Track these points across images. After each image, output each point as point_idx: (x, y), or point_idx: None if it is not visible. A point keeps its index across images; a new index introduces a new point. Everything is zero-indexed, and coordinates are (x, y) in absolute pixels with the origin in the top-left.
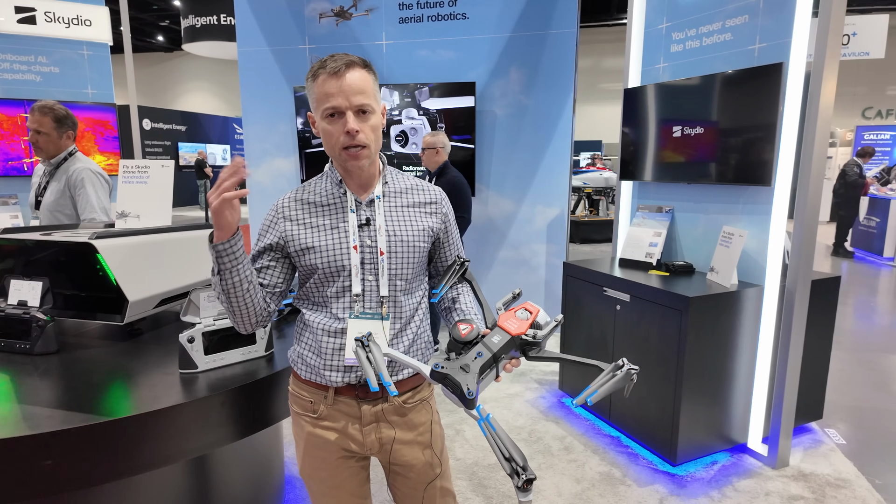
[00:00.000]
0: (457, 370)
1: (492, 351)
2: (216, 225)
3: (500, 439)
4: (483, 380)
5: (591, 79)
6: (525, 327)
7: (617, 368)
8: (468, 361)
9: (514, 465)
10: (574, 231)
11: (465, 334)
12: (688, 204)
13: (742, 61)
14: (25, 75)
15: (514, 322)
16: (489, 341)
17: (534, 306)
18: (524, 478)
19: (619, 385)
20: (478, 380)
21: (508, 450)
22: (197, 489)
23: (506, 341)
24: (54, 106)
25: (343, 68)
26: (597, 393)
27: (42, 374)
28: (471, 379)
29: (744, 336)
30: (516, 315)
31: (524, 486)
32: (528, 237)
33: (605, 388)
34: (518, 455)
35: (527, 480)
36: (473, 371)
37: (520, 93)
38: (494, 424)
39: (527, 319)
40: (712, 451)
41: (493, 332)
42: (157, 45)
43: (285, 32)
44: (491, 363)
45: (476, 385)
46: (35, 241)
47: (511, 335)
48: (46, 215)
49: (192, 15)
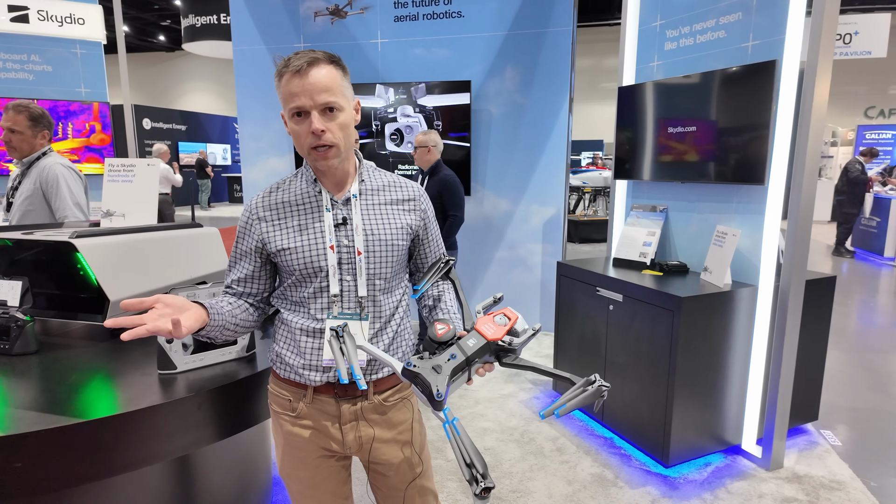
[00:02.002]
0: (428, 370)
1: (465, 354)
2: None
3: (463, 444)
4: (454, 382)
5: (592, 78)
6: (502, 333)
7: (588, 384)
8: (441, 362)
9: (474, 472)
10: (573, 230)
11: (441, 334)
12: (682, 203)
13: (735, 59)
14: (18, 74)
15: (491, 327)
16: (464, 344)
17: (513, 313)
18: (483, 485)
19: (588, 400)
20: (448, 382)
21: (470, 455)
22: (180, 490)
23: (481, 345)
24: (29, 105)
25: (305, 66)
26: (565, 406)
27: (19, 375)
28: (441, 380)
29: (737, 336)
30: (494, 320)
31: (482, 494)
32: (524, 237)
33: (574, 403)
34: (479, 462)
35: (485, 489)
36: (445, 373)
37: (515, 92)
38: (459, 429)
39: (504, 325)
40: (705, 452)
41: (470, 335)
42: (159, 44)
43: (281, 31)
44: (464, 366)
45: (446, 387)
46: (15, 241)
47: (487, 340)
48: (18, 216)
49: (192, 14)
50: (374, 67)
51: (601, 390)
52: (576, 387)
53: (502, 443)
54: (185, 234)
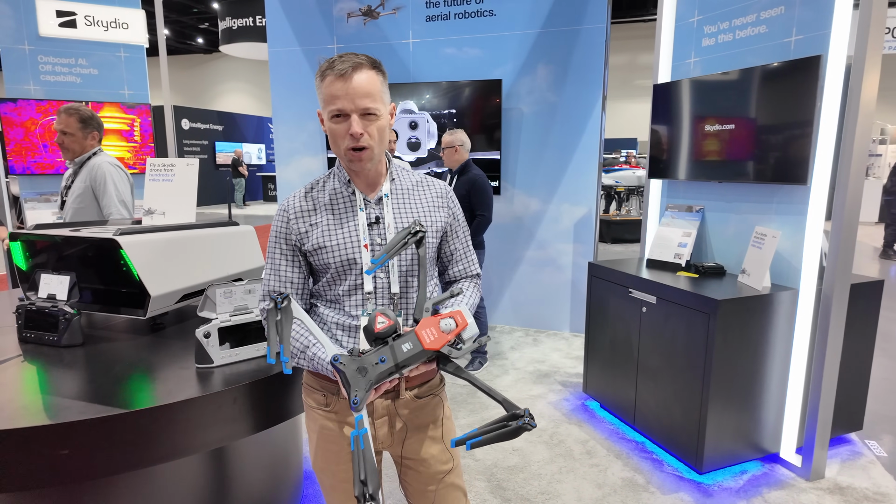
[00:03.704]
0: (353, 372)
1: (395, 361)
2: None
3: (363, 459)
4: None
5: (626, 75)
6: (442, 342)
7: (513, 418)
8: (368, 364)
9: (364, 490)
10: (605, 230)
11: (379, 329)
12: (719, 203)
13: (777, 55)
14: (67, 77)
15: (432, 332)
16: (398, 347)
17: (463, 318)
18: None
19: (507, 438)
20: (370, 386)
21: (366, 473)
22: (215, 481)
23: (414, 353)
24: (80, 108)
25: (349, 70)
26: (480, 440)
27: (66, 366)
28: (363, 386)
29: (776, 341)
30: (440, 324)
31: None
32: (554, 236)
33: (490, 438)
34: (373, 482)
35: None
36: (369, 378)
37: (547, 90)
38: (364, 442)
39: (448, 332)
40: (741, 459)
41: (407, 337)
42: (197, 47)
43: (315, 32)
44: (392, 370)
45: (365, 393)
46: (64, 238)
47: (423, 348)
48: (70, 213)
49: (230, 17)
50: (405, 68)
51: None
52: (496, 420)
53: (531, 444)
54: (222, 232)
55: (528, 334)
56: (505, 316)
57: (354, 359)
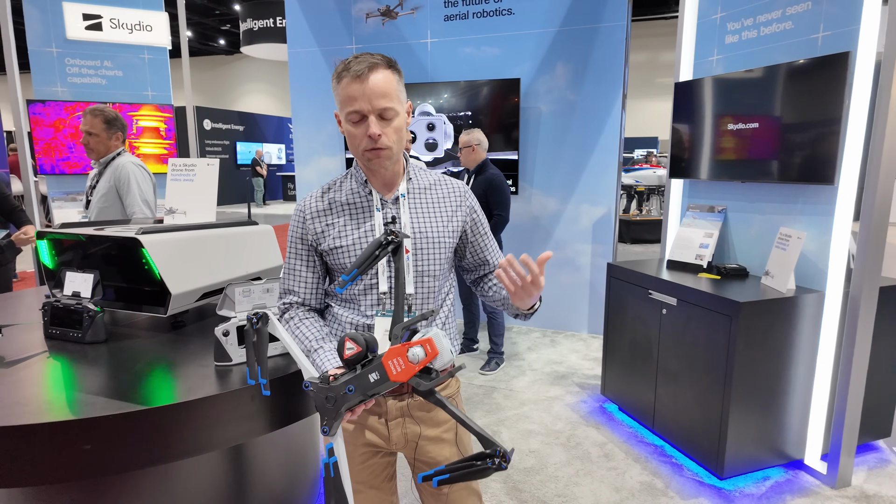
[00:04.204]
0: (322, 400)
1: (364, 392)
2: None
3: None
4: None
5: (647, 74)
6: (409, 374)
7: (485, 457)
8: (337, 393)
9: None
10: (625, 230)
11: (348, 355)
12: (742, 203)
13: (804, 51)
14: (92, 79)
15: (399, 363)
16: (364, 379)
17: (433, 346)
18: None
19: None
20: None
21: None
22: (233, 479)
23: (381, 384)
24: (104, 109)
25: (366, 71)
26: (448, 477)
27: (90, 362)
28: (331, 415)
29: (801, 345)
30: (408, 353)
31: None
32: (572, 237)
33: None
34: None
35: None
36: (338, 406)
37: (566, 89)
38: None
39: (417, 363)
40: (764, 465)
41: (374, 366)
42: (219, 48)
43: (333, 33)
44: (360, 398)
45: (334, 420)
46: (88, 236)
47: (389, 379)
48: (95, 212)
49: (251, 18)
50: (423, 67)
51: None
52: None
53: (547, 446)
54: (241, 232)
55: (545, 335)
56: None
57: (323, 388)
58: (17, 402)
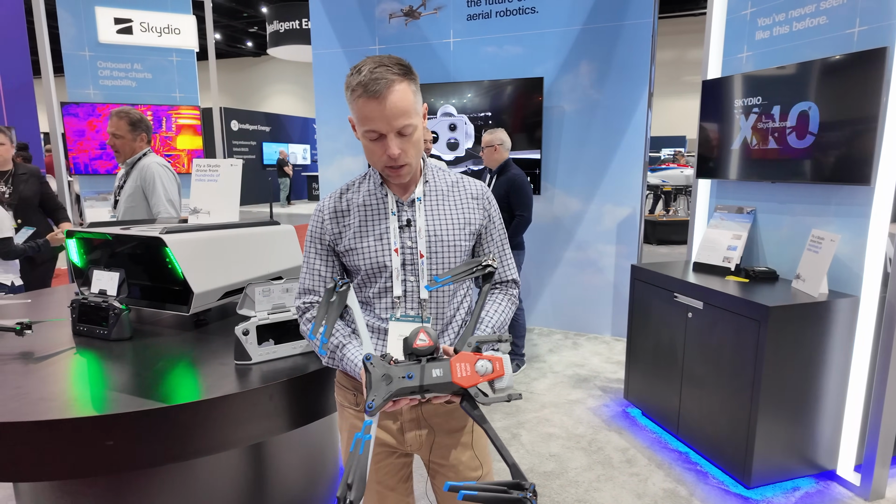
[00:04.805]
0: (379, 377)
1: (421, 383)
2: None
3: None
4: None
5: (675, 71)
6: (472, 382)
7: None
8: (395, 375)
9: (346, 495)
10: (650, 231)
11: (418, 345)
12: (772, 204)
13: (839, 47)
14: (123, 81)
15: (466, 369)
16: (429, 371)
17: (502, 366)
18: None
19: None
20: (389, 397)
21: (353, 478)
22: (253, 477)
23: (442, 383)
24: (129, 111)
25: (384, 91)
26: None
27: (115, 359)
28: (382, 394)
29: (834, 351)
30: (476, 364)
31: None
32: (595, 237)
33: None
34: (358, 490)
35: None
36: (391, 388)
37: (590, 87)
38: (364, 449)
39: (483, 375)
40: (794, 475)
41: (440, 364)
42: (246, 50)
43: (357, 34)
44: (415, 391)
45: (382, 399)
46: (115, 235)
47: (451, 381)
48: (122, 212)
49: (277, 20)
50: (445, 67)
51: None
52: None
53: (568, 450)
54: (262, 232)
55: (567, 337)
56: (544, 318)
57: (384, 365)
58: (44, 397)
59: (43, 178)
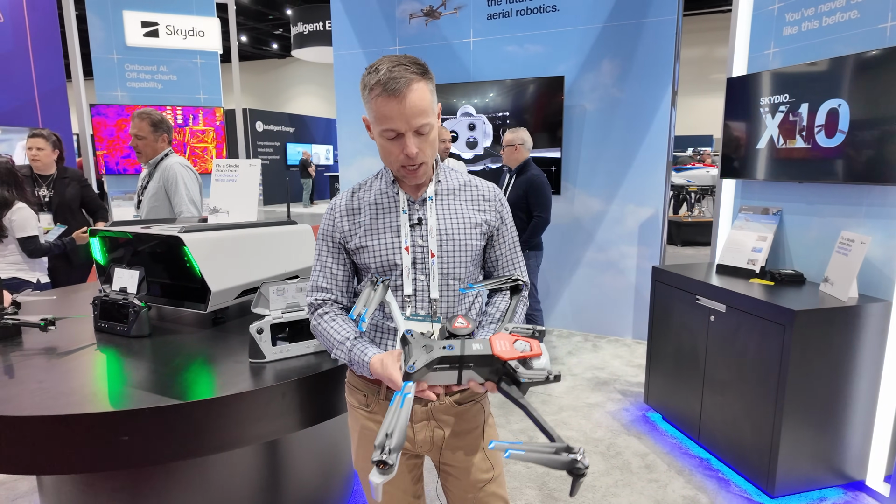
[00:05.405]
0: (419, 346)
1: (462, 351)
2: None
3: (398, 415)
4: (438, 371)
5: (702, 69)
6: (512, 356)
7: (567, 451)
8: (435, 346)
9: (387, 441)
10: (675, 232)
11: (456, 327)
12: (799, 205)
13: (871, 42)
14: (149, 83)
15: (505, 344)
16: (469, 345)
17: (539, 348)
18: (382, 458)
19: (552, 465)
20: (430, 362)
21: (394, 428)
22: (268, 475)
23: (482, 353)
24: (151, 112)
25: (403, 89)
26: (522, 453)
27: (133, 356)
28: (423, 358)
29: (863, 357)
30: (514, 343)
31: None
32: (616, 238)
33: (535, 456)
34: (398, 437)
35: (380, 461)
36: (432, 355)
37: (612, 86)
38: (405, 403)
39: (521, 352)
40: (820, 485)
41: (480, 340)
42: (271, 52)
43: (377, 34)
44: (455, 361)
45: (423, 363)
46: (135, 234)
47: (491, 352)
48: (145, 212)
49: (301, 22)
50: (465, 67)
51: (573, 464)
52: (549, 444)
53: (586, 454)
54: (279, 231)
55: (586, 339)
56: (563, 320)
57: (424, 338)
58: (64, 391)
59: (85, 181)
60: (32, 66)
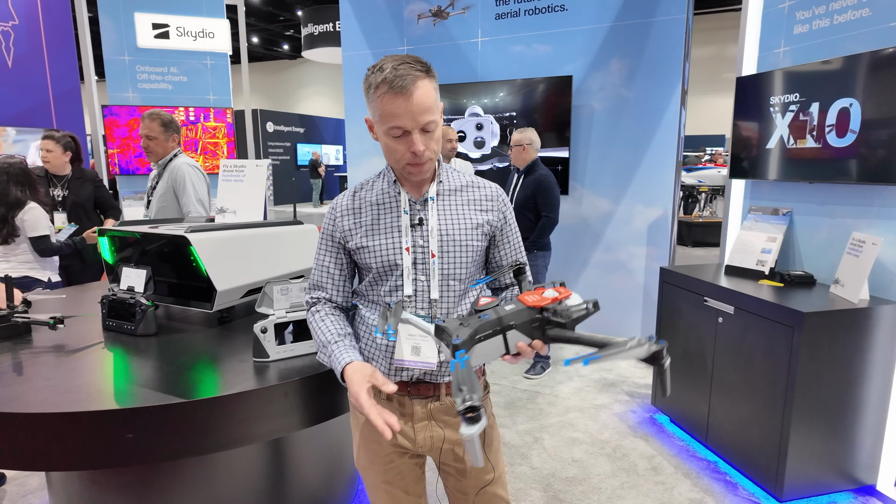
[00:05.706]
0: (456, 325)
1: (498, 314)
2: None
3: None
4: (484, 341)
5: (713, 69)
6: (545, 301)
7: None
8: (471, 321)
9: (463, 396)
10: (685, 233)
11: (483, 303)
12: (810, 206)
13: (883, 40)
14: (160, 85)
15: (535, 296)
16: (500, 308)
17: (566, 290)
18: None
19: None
20: (474, 335)
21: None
22: (271, 473)
23: (518, 310)
24: (161, 113)
25: (410, 87)
26: (598, 357)
27: (139, 354)
28: (464, 330)
29: (874, 360)
30: (542, 294)
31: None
32: (625, 239)
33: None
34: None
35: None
36: (473, 325)
37: (621, 86)
38: (466, 364)
39: (553, 297)
40: (830, 489)
41: (509, 302)
42: (282, 53)
43: (385, 35)
44: (496, 326)
45: (467, 335)
46: (142, 234)
47: (526, 305)
48: (154, 211)
49: (311, 23)
50: (472, 67)
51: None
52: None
53: (592, 456)
54: (285, 231)
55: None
56: None
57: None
58: (70, 389)
59: (99, 181)
60: (47, 68)
